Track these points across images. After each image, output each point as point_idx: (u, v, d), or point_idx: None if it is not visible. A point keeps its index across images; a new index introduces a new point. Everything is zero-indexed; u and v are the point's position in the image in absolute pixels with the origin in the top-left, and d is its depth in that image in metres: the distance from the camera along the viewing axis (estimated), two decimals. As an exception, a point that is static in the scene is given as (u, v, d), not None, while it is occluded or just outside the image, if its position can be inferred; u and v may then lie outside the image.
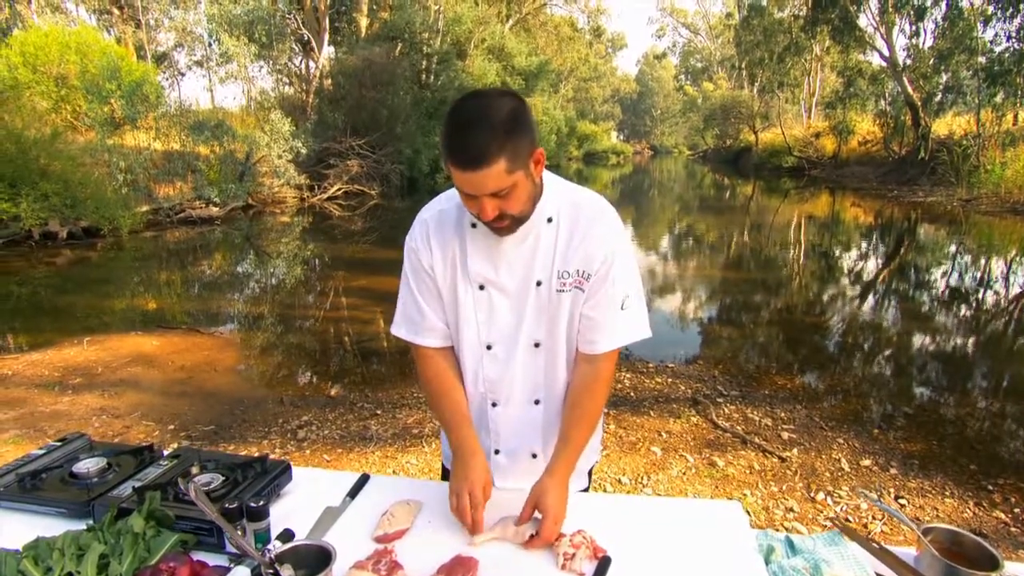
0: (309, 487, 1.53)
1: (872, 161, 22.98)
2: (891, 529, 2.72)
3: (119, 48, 15.78)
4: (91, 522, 1.30)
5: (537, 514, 1.24)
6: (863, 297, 7.74)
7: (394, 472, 3.25)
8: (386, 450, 3.55)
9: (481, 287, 1.29)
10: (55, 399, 4.19)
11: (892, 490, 3.04)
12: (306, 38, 20.71)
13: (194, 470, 1.49)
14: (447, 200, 1.34)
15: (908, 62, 20.75)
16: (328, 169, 17.66)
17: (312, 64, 21.45)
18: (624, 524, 1.31)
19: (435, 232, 1.32)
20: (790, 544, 1.31)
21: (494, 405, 1.39)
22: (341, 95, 19.17)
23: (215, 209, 13.53)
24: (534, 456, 1.43)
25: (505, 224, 1.18)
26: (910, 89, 19.98)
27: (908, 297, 7.80)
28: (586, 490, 1.60)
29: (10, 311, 6.88)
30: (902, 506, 2.89)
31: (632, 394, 4.39)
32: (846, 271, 9.24)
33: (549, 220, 1.26)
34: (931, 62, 19.85)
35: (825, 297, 7.78)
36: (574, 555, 1.17)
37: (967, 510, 2.91)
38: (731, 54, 42.72)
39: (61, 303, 7.14)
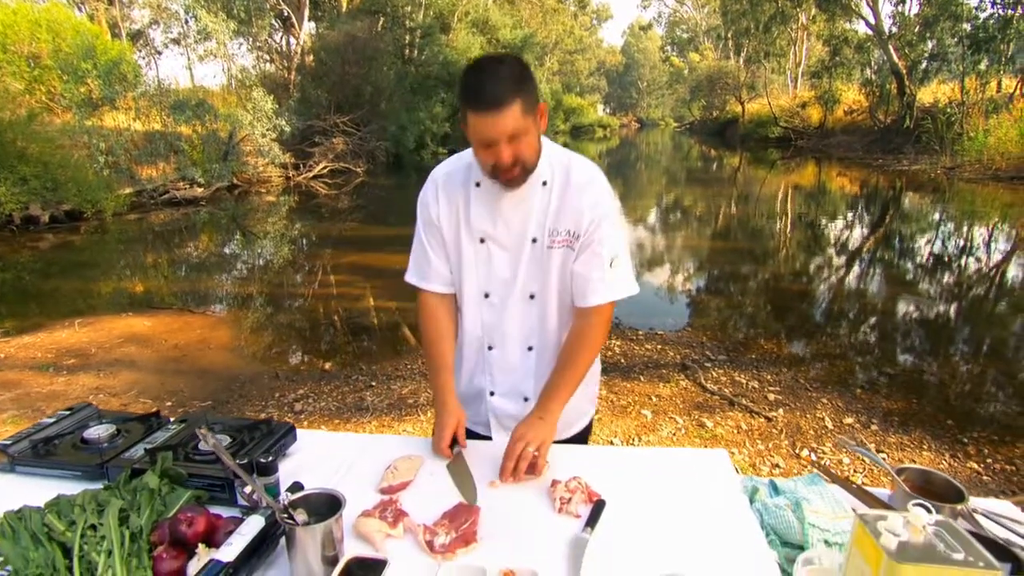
0: (313, 448, 1.58)
1: (858, 130, 23.04)
2: (871, 481, 2.84)
3: (93, 26, 15.37)
4: (106, 483, 1.35)
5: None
6: (848, 265, 7.88)
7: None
8: (383, 419, 3.62)
9: (482, 240, 1.42)
10: (50, 380, 4.21)
11: (872, 445, 3.17)
12: (286, 14, 20.28)
13: (203, 430, 1.55)
14: (455, 162, 1.49)
15: (894, 30, 20.69)
16: (313, 147, 17.45)
17: (293, 40, 21.04)
18: (617, 472, 1.38)
19: (443, 189, 1.46)
20: (773, 486, 1.39)
21: (490, 348, 1.51)
22: (324, 72, 18.87)
23: (200, 190, 13.36)
24: (526, 399, 1.54)
25: (516, 173, 1.29)
26: (895, 57, 19.97)
27: (892, 264, 7.94)
28: (585, 441, 1.69)
29: (-2, 296, 6.84)
30: (883, 459, 3.01)
31: (622, 360, 4.48)
32: (831, 240, 9.38)
33: (544, 183, 1.39)
34: (916, 29, 19.82)
35: (811, 266, 7.91)
36: (570, 499, 1.24)
37: (943, 462, 3.04)
38: (717, 24, 42.29)
39: (47, 287, 7.09)
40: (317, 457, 1.53)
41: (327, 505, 1.17)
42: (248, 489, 1.30)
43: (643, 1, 62.16)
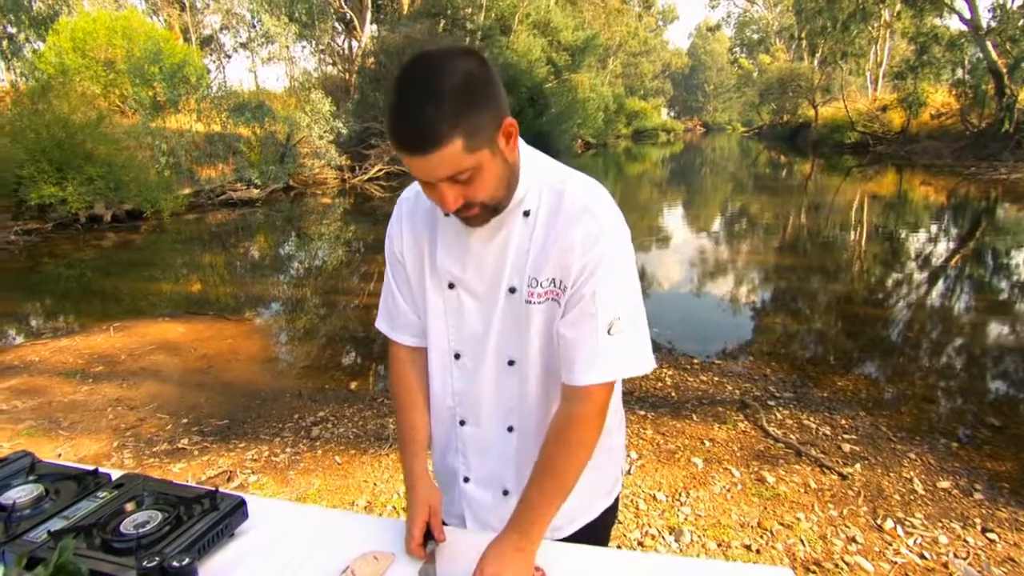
0: (267, 527, 1.30)
1: (946, 135, 21.40)
2: (980, 571, 2.32)
3: (163, 31, 16.05)
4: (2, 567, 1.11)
5: None
6: (937, 287, 7.08)
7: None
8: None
9: (451, 286, 1.11)
10: (74, 388, 4.16)
11: (978, 521, 2.62)
12: (348, 17, 20.64)
13: (129, 507, 1.28)
14: None
15: (993, 24, 19.08)
16: (369, 149, 17.62)
17: (355, 43, 21.40)
18: None
19: (407, 219, 1.16)
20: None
21: (462, 424, 1.19)
22: (383, 74, 19.03)
23: (256, 191, 13.66)
24: (505, 493, 1.21)
25: (474, 213, 0.97)
26: (994, 54, 18.40)
27: (989, 287, 7.08)
28: (601, 536, 1.32)
29: (50, 293, 7.04)
30: (991, 541, 2.48)
31: (674, 394, 4.04)
32: (916, 256, 8.51)
33: (526, 214, 1.04)
34: (1020, 23, 18.19)
35: (892, 286, 7.15)
36: None
37: (1071, 548, 2.47)
38: (790, 23, 40.56)
39: (97, 287, 7.27)
40: (267, 542, 1.26)
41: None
42: (159, 603, 1.01)
43: (711, 1, 60.27)
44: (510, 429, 1.16)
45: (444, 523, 1.27)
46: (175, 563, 1.04)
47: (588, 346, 1.01)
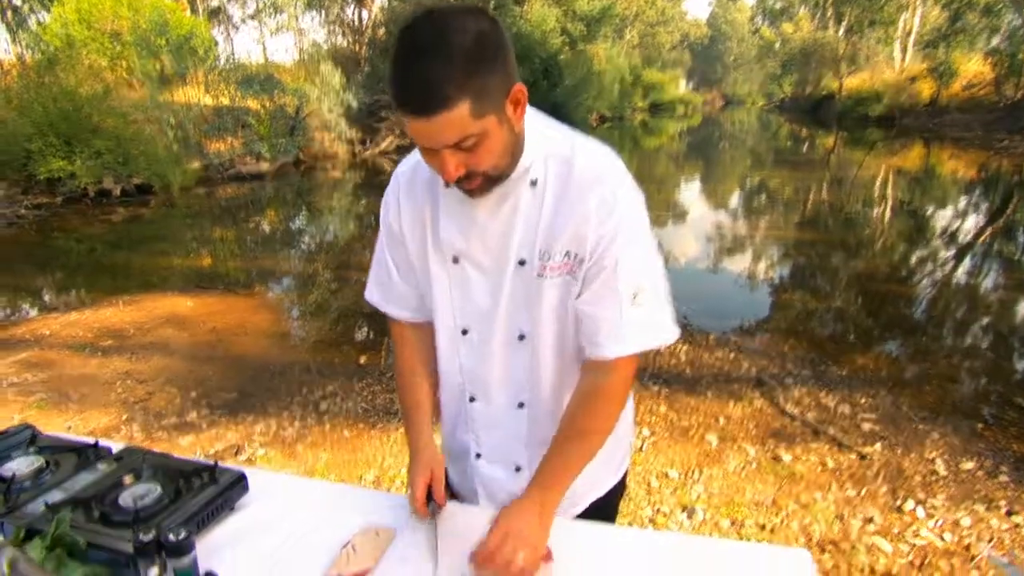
0: (269, 501, 1.30)
1: (978, 107, 20.81)
2: (1005, 555, 2.28)
3: (169, 2, 15.91)
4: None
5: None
6: (962, 263, 6.92)
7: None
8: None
9: (455, 260, 1.08)
10: (84, 361, 4.20)
11: (1003, 503, 2.57)
12: (358, -14, 20.34)
13: (128, 480, 1.28)
14: None
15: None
16: (380, 122, 17.50)
17: (365, 13, 21.13)
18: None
19: (406, 192, 1.14)
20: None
21: (472, 400, 1.18)
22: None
23: (265, 165, 13.65)
24: (518, 469, 1.21)
25: (476, 184, 0.93)
26: (1031, 22, 17.77)
27: (1020, 265, 6.92)
28: (611, 512, 1.30)
29: (61, 268, 7.11)
30: (1016, 525, 2.43)
31: (688, 370, 4.00)
32: (943, 233, 8.32)
33: (533, 183, 1.00)
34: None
35: (916, 263, 7.00)
36: None
37: (1100, 532, 2.42)
38: (816, -10, 39.38)
39: (107, 261, 7.34)
40: (268, 516, 1.26)
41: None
42: (154, 573, 1.01)
43: (733, -33, 58.67)
44: (520, 405, 1.15)
45: (453, 494, 1.27)
46: (172, 536, 1.02)
47: (613, 319, 0.99)
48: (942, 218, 9.18)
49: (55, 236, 8.64)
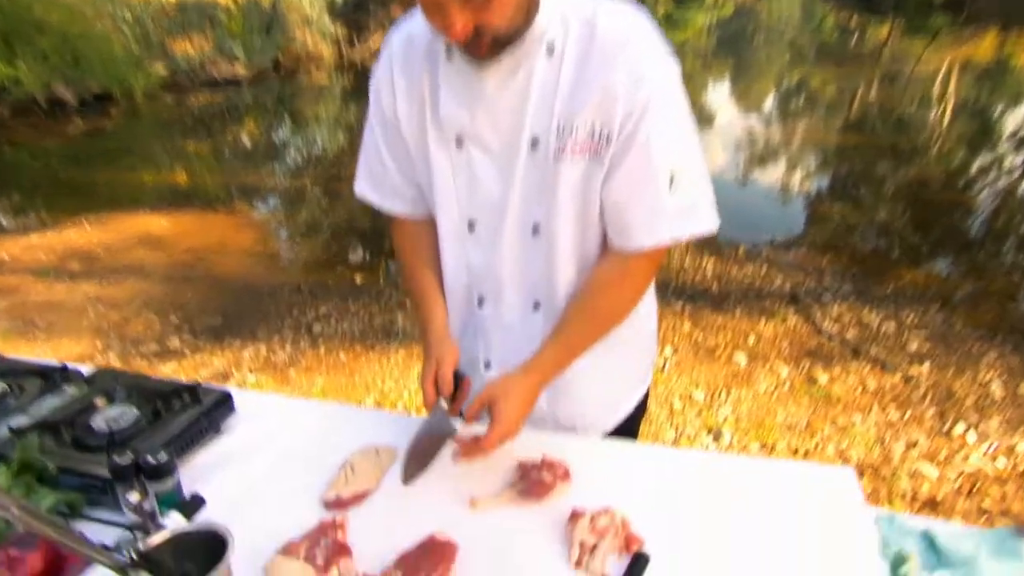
0: (258, 422, 1.32)
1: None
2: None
3: None
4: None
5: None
6: (1028, 168, 6.72)
7: (417, 375, 3.07)
8: (412, 349, 3.37)
9: (459, 143, 1.03)
10: (49, 287, 4.22)
11: (1061, 426, 2.59)
12: None
13: (100, 402, 1.26)
14: (421, 19, 1.01)
15: None
16: (368, 16, 16.83)
17: None
18: (672, 496, 1.01)
19: (400, 64, 1.06)
20: (930, 543, 0.94)
21: (481, 303, 1.16)
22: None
23: (241, 69, 13.22)
24: None
25: (484, 46, 0.88)
26: None
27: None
28: (632, 434, 1.30)
29: (14, 186, 6.99)
30: (1076, 451, 2.45)
31: (715, 286, 3.98)
32: (1011, 136, 8.03)
33: (550, 50, 0.93)
34: None
35: (976, 170, 6.79)
36: (596, 546, 0.91)
37: None
38: None
39: (66, 178, 7.22)
40: (258, 438, 1.27)
41: (208, 547, 0.84)
42: (133, 498, 1.00)
43: None
44: (536, 306, 1.12)
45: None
46: (152, 458, 1.01)
47: (647, 204, 0.96)
48: (1013, 119, 8.84)
49: (3, 151, 8.48)
